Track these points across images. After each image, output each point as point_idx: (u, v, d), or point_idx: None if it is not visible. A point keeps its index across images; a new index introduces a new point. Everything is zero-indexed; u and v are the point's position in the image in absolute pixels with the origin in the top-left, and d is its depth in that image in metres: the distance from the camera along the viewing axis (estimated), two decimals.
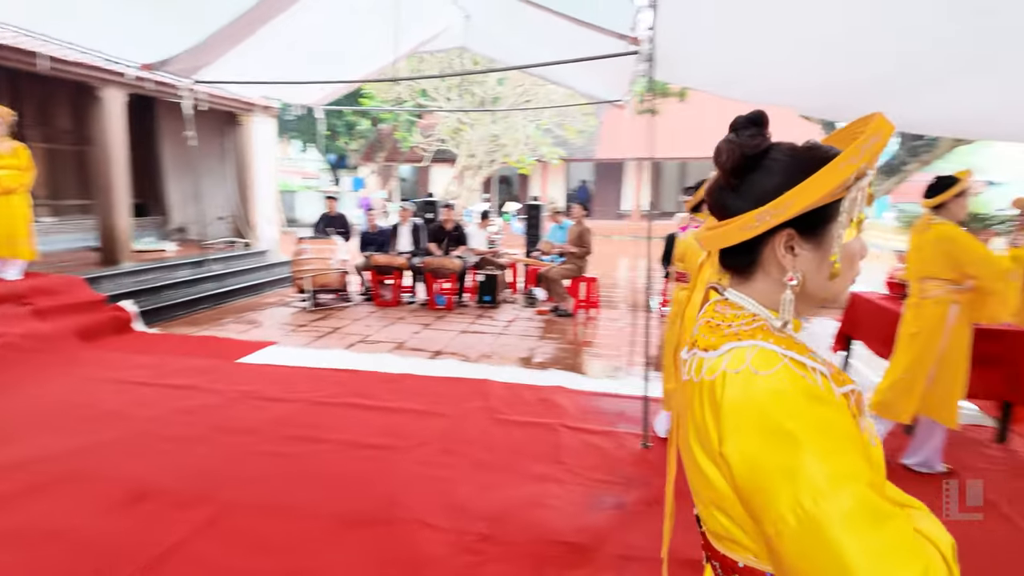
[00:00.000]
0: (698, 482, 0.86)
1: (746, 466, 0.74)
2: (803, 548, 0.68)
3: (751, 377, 0.76)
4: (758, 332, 0.81)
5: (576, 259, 7.19)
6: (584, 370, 5.09)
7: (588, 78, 7.95)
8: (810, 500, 0.68)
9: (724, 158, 0.86)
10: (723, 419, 0.77)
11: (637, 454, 3.41)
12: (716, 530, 0.85)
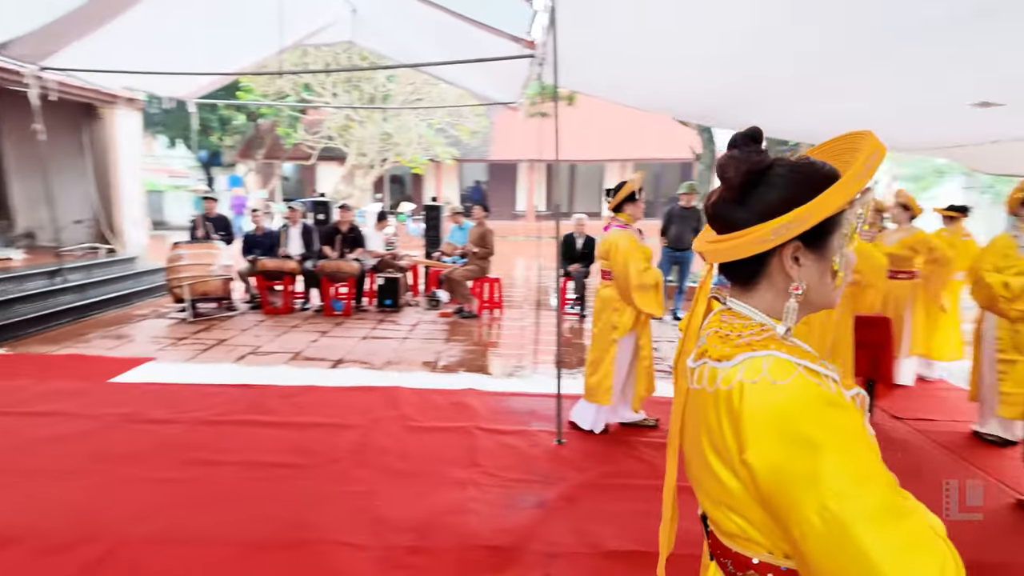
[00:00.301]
0: (711, 485, 0.88)
1: (770, 472, 0.77)
2: (829, 548, 0.71)
3: (769, 387, 0.79)
4: (770, 342, 0.84)
5: (479, 260, 7.20)
6: (492, 371, 5.11)
7: (482, 79, 8.00)
8: (834, 502, 0.71)
9: (731, 173, 0.88)
10: (744, 428, 0.80)
11: (552, 451, 3.48)
12: (730, 529, 0.88)
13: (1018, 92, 3.42)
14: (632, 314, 3.61)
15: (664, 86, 5.25)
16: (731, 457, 0.83)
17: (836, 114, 4.90)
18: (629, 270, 3.45)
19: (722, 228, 0.91)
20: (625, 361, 3.69)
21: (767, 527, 0.83)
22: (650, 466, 3.28)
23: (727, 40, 3.45)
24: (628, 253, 3.47)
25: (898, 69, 3.36)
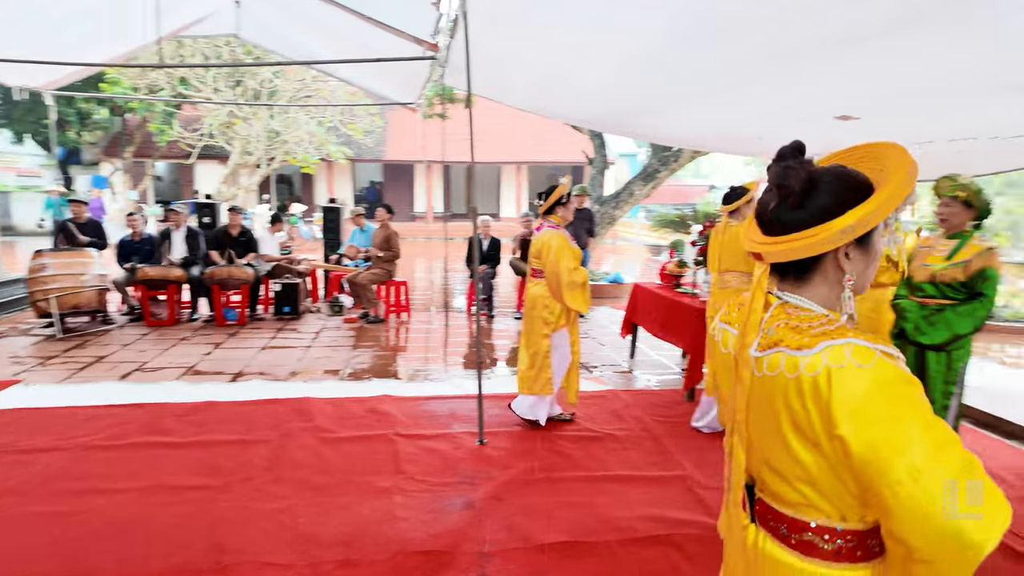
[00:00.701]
0: (782, 462, 0.99)
1: (863, 445, 0.88)
2: (918, 502, 0.84)
3: (856, 370, 0.89)
4: (845, 331, 0.94)
5: (384, 263, 7.07)
6: (406, 376, 5.05)
7: (378, 78, 7.86)
8: (923, 463, 0.85)
9: (792, 180, 0.97)
10: (835, 408, 0.90)
11: (475, 452, 3.51)
12: (792, 499, 1.00)
13: (871, 108, 3.92)
14: (563, 310, 3.75)
15: (564, 95, 5.45)
16: (816, 434, 0.93)
17: (721, 123, 5.35)
18: (560, 269, 3.59)
19: (780, 230, 1.01)
20: (560, 354, 3.82)
21: (835, 494, 0.95)
22: (571, 459, 3.42)
23: (626, 56, 3.67)
24: (560, 253, 3.60)
25: (776, 84, 3.72)
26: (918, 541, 0.87)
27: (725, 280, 3.85)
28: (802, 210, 0.98)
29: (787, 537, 1.02)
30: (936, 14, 2.35)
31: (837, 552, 0.98)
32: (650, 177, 9.57)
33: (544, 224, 3.82)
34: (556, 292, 3.67)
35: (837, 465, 0.93)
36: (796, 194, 0.98)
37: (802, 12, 2.59)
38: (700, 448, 3.60)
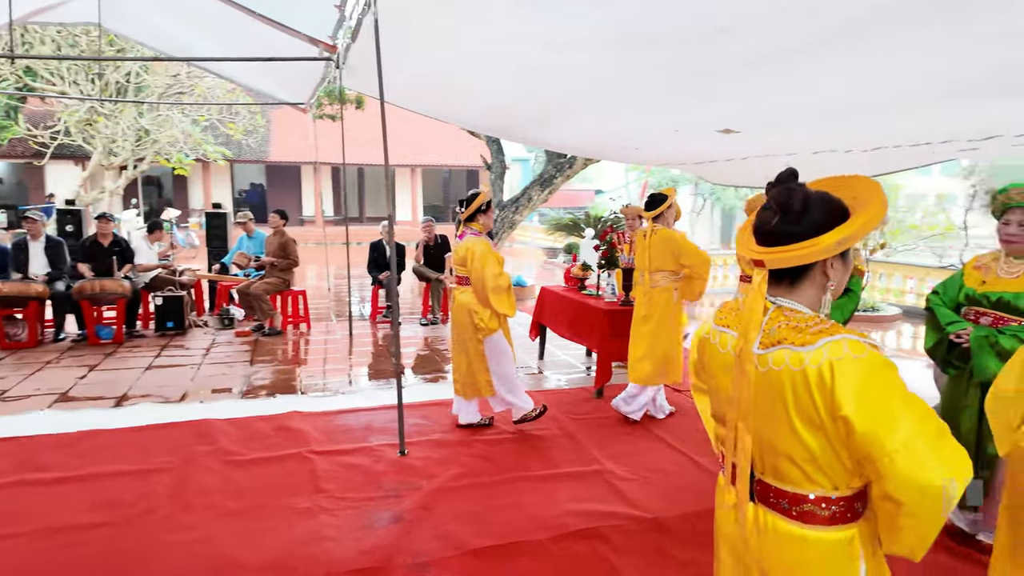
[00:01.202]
0: (788, 444, 1.16)
1: (865, 423, 1.06)
2: (910, 468, 1.03)
3: (853, 361, 1.08)
4: (838, 328, 1.13)
5: (280, 272, 6.74)
6: (313, 390, 4.86)
7: (263, 76, 7.49)
8: (911, 435, 1.04)
9: (794, 200, 1.15)
10: (838, 394, 1.07)
11: (397, 463, 3.47)
12: (793, 476, 1.17)
13: (749, 124, 4.34)
14: (492, 315, 3.81)
15: (466, 102, 5.52)
16: (820, 418, 1.11)
17: (608, 134, 5.66)
18: (486, 275, 3.64)
19: (777, 242, 1.18)
20: (506, 356, 3.86)
21: (832, 469, 1.14)
22: (495, 463, 3.47)
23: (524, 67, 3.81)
24: (484, 259, 3.66)
25: (666, 100, 4.01)
26: (908, 498, 1.06)
27: (655, 280, 4.13)
28: (798, 225, 1.15)
29: (788, 510, 1.19)
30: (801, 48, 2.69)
31: (832, 517, 1.17)
32: (547, 183, 9.86)
33: (467, 231, 3.85)
34: (483, 298, 3.71)
35: (836, 443, 1.12)
36: (796, 212, 1.15)
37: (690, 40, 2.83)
38: (613, 443, 3.80)
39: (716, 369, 1.33)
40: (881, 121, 3.88)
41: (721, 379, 1.32)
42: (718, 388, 1.34)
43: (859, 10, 2.26)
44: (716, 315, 1.36)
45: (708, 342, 1.37)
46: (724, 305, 1.39)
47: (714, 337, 1.34)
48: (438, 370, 5.48)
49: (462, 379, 3.91)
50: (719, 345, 1.31)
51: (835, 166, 5.43)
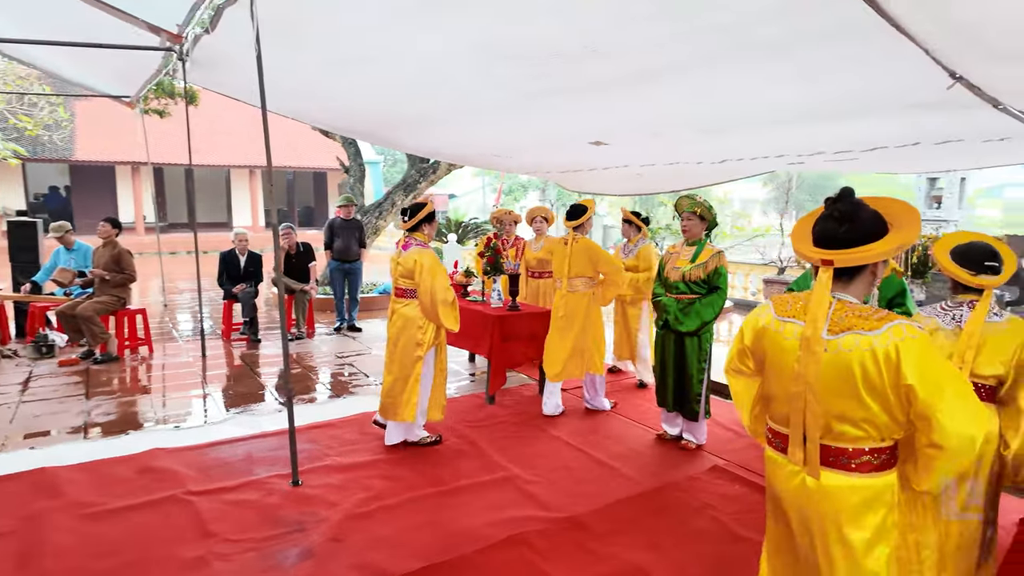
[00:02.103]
0: (854, 410, 1.46)
1: (926, 389, 1.38)
2: (957, 422, 1.37)
3: (912, 341, 1.40)
4: (892, 315, 1.45)
5: (113, 289, 5.86)
6: (173, 422, 4.31)
7: (76, 63, 6.50)
8: (955, 395, 1.39)
9: (860, 213, 1.48)
10: (903, 367, 1.39)
11: (293, 495, 3.19)
12: (854, 435, 1.48)
13: (617, 137, 4.65)
14: (434, 330, 3.73)
15: (331, 104, 5.26)
16: (884, 387, 1.42)
17: (483, 142, 5.74)
18: (435, 287, 3.56)
19: (841, 246, 1.48)
20: (430, 376, 3.78)
21: (885, 426, 1.46)
22: (402, 481, 3.34)
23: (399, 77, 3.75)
24: (433, 271, 3.59)
25: (539, 112, 4.17)
26: (950, 445, 1.39)
27: (574, 285, 4.41)
28: (860, 233, 1.47)
29: (847, 464, 1.49)
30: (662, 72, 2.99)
31: (881, 465, 1.49)
32: (410, 188, 9.71)
33: (411, 242, 3.73)
34: (431, 311, 3.61)
35: (892, 405, 1.44)
36: (861, 221, 1.47)
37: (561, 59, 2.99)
38: (514, 448, 3.85)
39: (779, 354, 1.59)
40: (728, 138, 4.38)
41: (786, 361, 1.57)
42: (782, 369, 1.59)
43: (708, 46, 2.58)
44: (776, 308, 1.63)
45: (769, 331, 1.63)
46: (782, 298, 1.65)
47: (777, 327, 1.60)
48: (311, 389, 5.14)
49: (391, 400, 3.73)
50: (784, 334, 1.58)
51: (688, 176, 6.01)
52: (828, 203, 1.54)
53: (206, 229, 18.45)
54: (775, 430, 1.64)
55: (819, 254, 1.51)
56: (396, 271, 3.77)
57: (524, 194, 24.75)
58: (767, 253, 9.32)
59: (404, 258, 3.70)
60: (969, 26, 2.05)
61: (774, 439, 1.64)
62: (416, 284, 3.64)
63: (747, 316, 1.77)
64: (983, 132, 3.30)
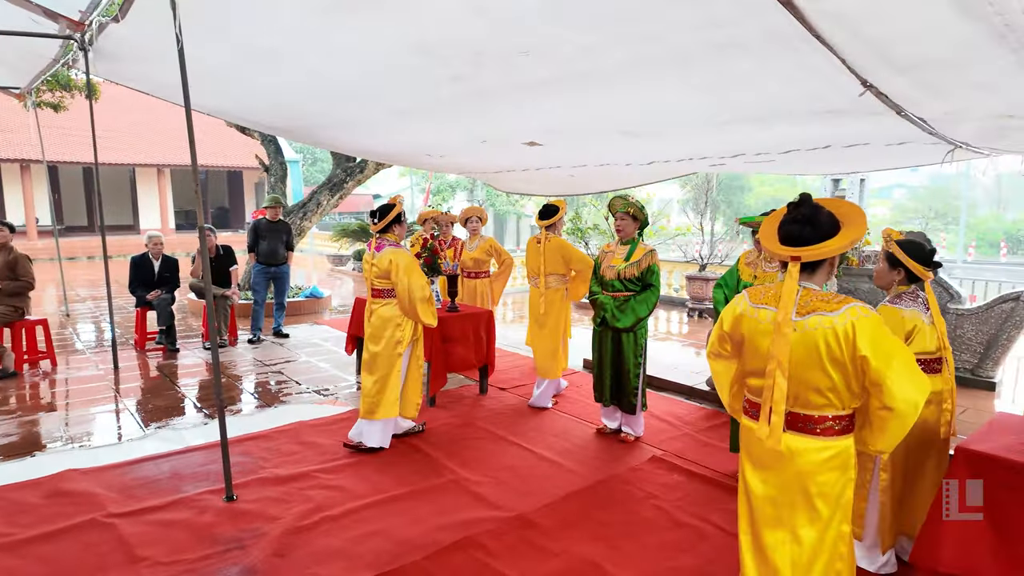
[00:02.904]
0: (819, 380, 1.71)
1: (877, 359, 1.63)
2: (904, 388, 1.62)
3: (865, 319, 1.66)
4: (848, 299, 1.71)
5: (8, 298, 5.33)
6: (85, 440, 3.98)
7: None
8: (903, 364, 1.64)
9: (819, 215, 1.74)
10: (859, 341, 1.63)
11: (228, 511, 3.02)
12: (819, 403, 1.74)
13: (551, 138, 4.72)
14: (412, 327, 3.83)
15: (254, 101, 5.04)
16: (844, 359, 1.67)
17: (416, 142, 5.67)
18: (413, 286, 3.64)
19: (804, 243, 1.73)
20: (410, 369, 3.89)
21: (845, 394, 1.73)
22: (344, 491, 3.24)
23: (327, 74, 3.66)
24: (410, 269, 3.66)
25: (474, 113, 4.17)
26: (899, 408, 1.63)
27: (548, 282, 4.65)
28: (820, 232, 1.73)
29: (812, 428, 1.76)
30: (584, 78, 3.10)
31: (841, 429, 1.76)
32: (337, 188, 9.44)
33: (384, 243, 3.77)
34: (410, 309, 3.69)
35: (851, 376, 1.70)
36: (819, 223, 1.73)
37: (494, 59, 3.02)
38: (459, 450, 3.82)
39: (756, 335, 1.83)
40: (656, 141, 4.54)
41: (761, 342, 1.81)
42: (757, 349, 1.83)
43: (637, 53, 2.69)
44: (751, 297, 1.89)
45: (746, 317, 1.87)
46: (755, 289, 1.91)
47: (752, 313, 1.86)
48: (238, 400, 4.90)
49: (371, 399, 3.75)
50: (758, 319, 1.83)
51: (618, 177, 6.19)
52: (791, 208, 1.80)
53: (111, 232, 17.17)
54: (752, 401, 1.90)
55: (788, 252, 1.75)
56: (371, 272, 3.78)
57: (452, 194, 24.62)
58: (688, 251, 9.73)
59: (379, 259, 3.72)
60: (879, 39, 2.24)
61: (751, 409, 1.90)
62: (393, 284, 3.69)
63: (725, 307, 2.02)
64: (886, 137, 3.59)
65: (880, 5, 2.02)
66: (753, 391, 1.88)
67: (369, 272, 3.80)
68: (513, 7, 2.44)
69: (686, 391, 5.13)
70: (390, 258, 3.66)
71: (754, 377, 1.86)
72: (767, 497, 1.84)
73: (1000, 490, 1.98)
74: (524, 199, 24.63)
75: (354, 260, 13.93)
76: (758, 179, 29.40)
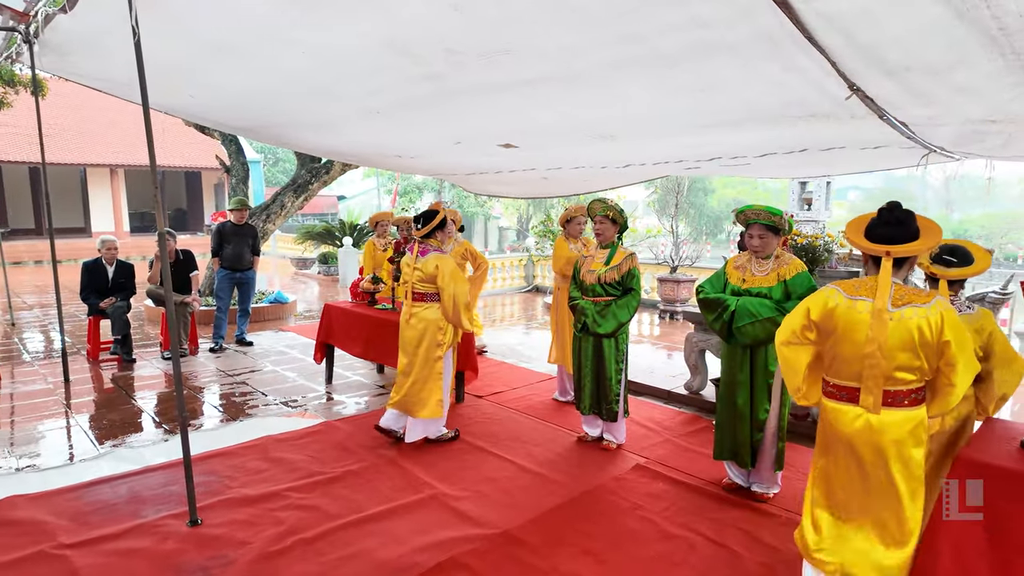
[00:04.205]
0: (912, 361, 2.00)
1: (956, 342, 1.95)
2: (972, 369, 1.99)
3: (949, 311, 1.99)
4: (935, 293, 2.06)
5: None
6: (32, 461, 3.70)
7: None
8: (967, 351, 1.99)
9: (909, 219, 2.07)
10: (945, 328, 1.95)
11: (193, 537, 2.82)
12: (908, 379, 2.03)
13: (529, 140, 4.63)
14: (452, 331, 3.94)
15: (215, 99, 4.81)
16: (930, 344, 1.97)
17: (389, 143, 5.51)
18: (458, 292, 3.76)
19: (895, 242, 2.04)
20: (449, 374, 3.99)
21: (925, 371, 2.02)
22: (319, 511, 3.07)
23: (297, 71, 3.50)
24: (455, 276, 3.78)
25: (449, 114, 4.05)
26: (960, 385, 1.98)
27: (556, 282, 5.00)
28: (905, 233, 2.05)
29: (902, 402, 2.04)
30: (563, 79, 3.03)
31: (920, 400, 2.05)
32: (301, 189, 9.17)
33: (428, 248, 3.88)
34: (454, 315, 3.80)
35: (932, 356, 1.99)
36: (910, 226, 2.05)
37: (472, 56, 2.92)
38: (437, 462, 3.68)
39: (852, 324, 2.06)
40: (633, 143, 4.49)
41: (859, 330, 2.05)
42: (854, 336, 2.06)
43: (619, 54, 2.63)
44: (845, 290, 2.12)
45: (841, 307, 2.09)
46: (848, 283, 2.14)
47: (849, 304, 2.08)
48: (200, 414, 4.66)
49: (412, 397, 3.83)
50: (856, 308, 2.06)
51: (593, 180, 6.13)
52: (885, 212, 2.09)
53: (60, 235, 16.40)
54: (841, 385, 2.12)
55: (882, 248, 2.05)
56: (413, 276, 3.86)
57: (420, 195, 24.33)
58: (659, 253, 9.77)
59: (423, 264, 3.81)
60: (872, 42, 2.21)
61: (839, 393, 2.13)
62: (439, 288, 3.78)
63: (811, 298, 2.21)
64: (863, 141, 3.60)
65: (873, 8, 1.99)
66: (845, 375, 2.10)
67: (411, 275, 3.88)
68: (491, 4, 2.33)
69: (663, 395, 5.10)
70: (436, 264, 3.77)
71: (847, 362, 2.09)
72: (849, 473, 2.11)
73: (999, 500, 1.95)
74: (492, 201, 24.54)
75: (319, 263, 13.58)
76: (721, 182, 29.95)
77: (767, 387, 3.16)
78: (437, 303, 3.83)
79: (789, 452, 3.41)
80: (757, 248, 3.24)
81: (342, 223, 13.70)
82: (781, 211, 3.25)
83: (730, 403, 3.26)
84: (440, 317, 3.83)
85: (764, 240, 3.21)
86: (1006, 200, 28.47)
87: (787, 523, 2.97)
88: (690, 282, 8.66)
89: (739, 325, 3.11)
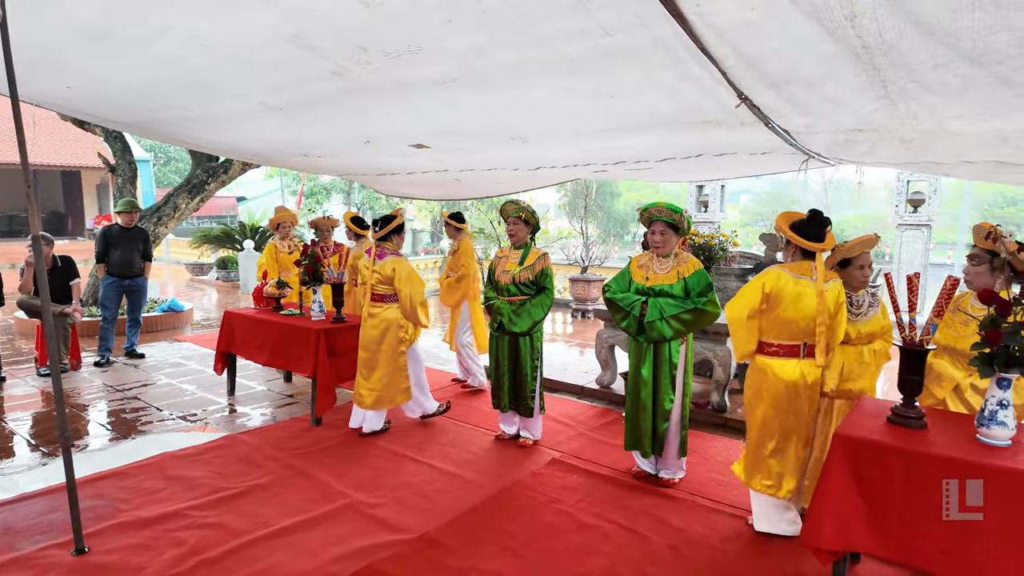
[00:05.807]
0: (821, 316, 2.68)
1: (838, 310, 2.73)
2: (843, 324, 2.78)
3: (837, 283, 2.75)
4: (833, 274, 2.79)
5: None
6: None
7: None
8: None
9: (827, 223, 2.77)
10: (828, 296, 2.68)
11: (79, 566, 2.58)
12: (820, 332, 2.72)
13: (441, 141, 4.61)
14: (413, 328, 4.21)
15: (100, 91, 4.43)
16: (832, 305, 2.73)
17: (293, 141, 5.30)
18: (414, 292, 4.00)
19: (817, 241, 2.75)
20: (418, 364, 4.34)
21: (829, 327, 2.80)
22: (223, 528, 2.89)
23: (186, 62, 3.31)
24: (411, 277, 4.02)
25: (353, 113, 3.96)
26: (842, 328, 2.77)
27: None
28: (822, 233, 2.74)
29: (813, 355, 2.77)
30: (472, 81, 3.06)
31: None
32: (197, 190, 8.62)
33: (385, 251, 4.09)
34: (411, 313, 4.04)
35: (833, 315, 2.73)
36: (827, 228, 2.75)
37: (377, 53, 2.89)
38: (351, 470, 3.59)
39: (797, 296, 2.69)
40: (542, 146, 4.58)
41: (803, 301, 2.68)
42: (797, 305, 2.69)
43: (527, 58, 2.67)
44: (791, 271, 2.75)
45: (789, 283, 2.71)
46: (792, 265, 2.78)
47: (795, 280, 2.72)
48: (85, 433, 4.27)
49: (378, 392, 4.08)
50: (801, 284, 2.70)
51: (505, 181, 6.20)
52: (813, 216, 2.76)
53: None
54: (784, 344, 2.77)
55: (818, 246, 2.72)
56: (372, 278, 4.07)
57: (328, 197, 23.50)
58: (570, 254, 10.03)
59: (381, 266, 4.04)
60: (754, 55, 2.39)
61: (781, 350, 2.77)
62: (396, 290, 4.02)
63: (761, 276, 2.78)
64: (752, 146, 3.88)
65: (756, 22, 2.15)
66: (787, 335, 2.75)
67: (369, 277, 4.09)
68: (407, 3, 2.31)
69: (577, 391, 5.25)
70: (393, 266, 4.01)
71: (792, 325, 2.71)
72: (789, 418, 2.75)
73: (870, 468, 2.17)
74: (405, 203, 24.16)
75: (217, 268, 12.82)
76: (626, 185, 31.22)
77: (671, 379, 3.34)
78: (396, 304, 4.09)
79: (692, 439, 3.62)
80: (659, 244, 3.41)
81: (242, 225, 13.01)
82: (681, 209, 3.44)
83: (637, 396, 3.41)
84: (400, 316, 4.10)
85: (665, 237, 3.38)
86: (874, 203, 31.58)
87: (692, 506, 3.15)
88: (600, 282, 8.97)
89: (651, 319, 3.26)
